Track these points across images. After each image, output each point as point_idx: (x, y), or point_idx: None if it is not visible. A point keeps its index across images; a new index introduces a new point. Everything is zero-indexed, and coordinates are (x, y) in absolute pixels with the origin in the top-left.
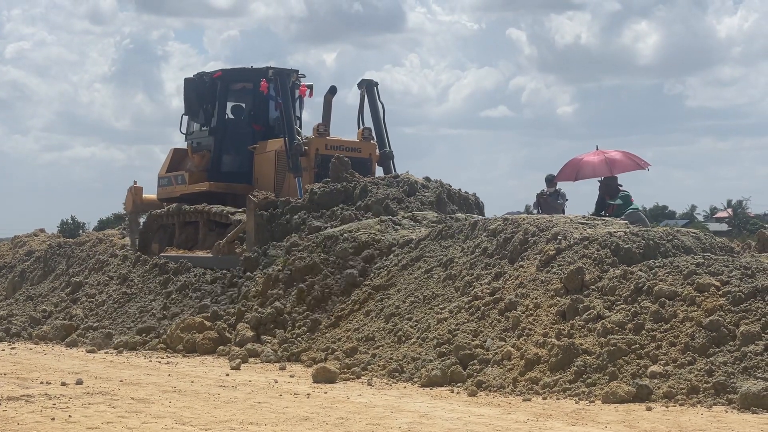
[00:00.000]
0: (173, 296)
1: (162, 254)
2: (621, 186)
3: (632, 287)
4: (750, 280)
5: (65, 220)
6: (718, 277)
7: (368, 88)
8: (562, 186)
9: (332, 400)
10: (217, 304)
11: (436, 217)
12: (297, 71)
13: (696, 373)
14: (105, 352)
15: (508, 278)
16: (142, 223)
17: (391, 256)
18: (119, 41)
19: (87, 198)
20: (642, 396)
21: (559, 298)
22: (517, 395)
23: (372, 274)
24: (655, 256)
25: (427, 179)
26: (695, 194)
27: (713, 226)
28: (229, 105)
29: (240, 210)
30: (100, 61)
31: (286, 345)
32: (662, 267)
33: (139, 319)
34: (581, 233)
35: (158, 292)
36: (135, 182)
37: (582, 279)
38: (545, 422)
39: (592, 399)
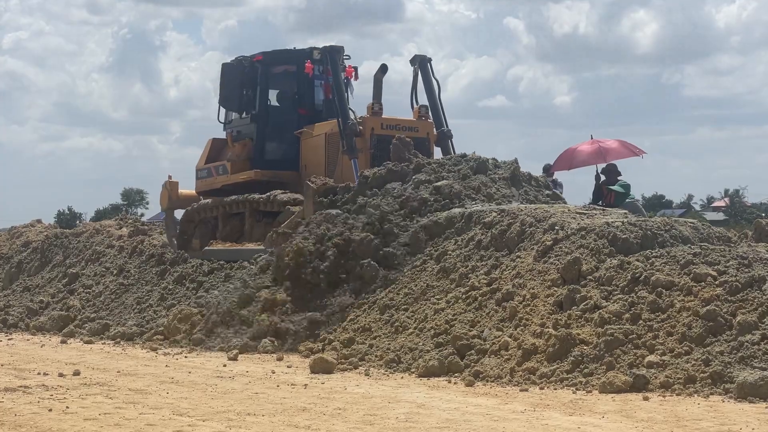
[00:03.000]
0: (170, 287)
1: (206, 248)
2: (620, 175)
3: (629, 277)
4: (747, 270)
5: (62, 211)
6: (715, 267)
7: (422, 64)
8: (558, 176)
9: (329, 391)
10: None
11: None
12: (343, 48)
13: (693, 362)
14: (102, 343)
15: (505, 269)
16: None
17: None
18: (117, 31)
19: (84, 188)
20: (639, 386)
21: (556, 289)
22: (514, 385)
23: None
24: (653, 246)
25: (495, 160)
26: (692, 183)
27: (710, 216)
28: (273, 92)
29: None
30: (98, 52)
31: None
32: (659, 257)
33: (136, 310)
34: (578, 223)
35: (155, 283)
36: (170, 177)
37: (579, 269)
38: (542, 412)
39: (589, 389)
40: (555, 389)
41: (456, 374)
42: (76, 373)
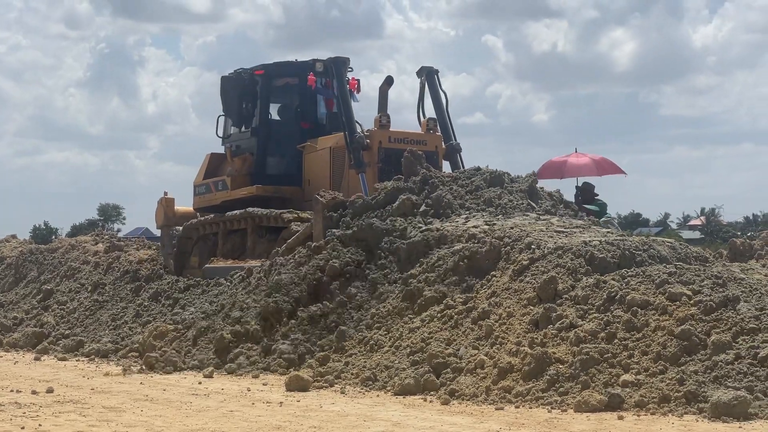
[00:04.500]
0: (146, 304)
1: (207, 266)
2: (597, 195)
3: (605, 296)
4: (721, 290)
5: (38, 226)
6: (690, 287)
7: (428, 76)
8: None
9: (305, 409)
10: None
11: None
12: (348, 59)
13: (667, 382)
14: (76, 360)
15: (480, 287)
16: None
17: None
18: (95, 46)
19: (60, 203)
20: (614, 405)
21: (532, 307)
22: (489, 404)
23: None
24: (630, 266)
25: (509, 174)
26: (669, 202)
27: (686, 234)
28: (274, 106)
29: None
30: (75, 66)
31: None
32: (635, 276)
33: (111, 327)
34: (555, 242)
35: (130, 300)
36: (166, 193)
37: (555, 288)
38: (518, 431)
39: (564, 408)
40: (530, 408)
41: (432, 392)
42: (50, 391)
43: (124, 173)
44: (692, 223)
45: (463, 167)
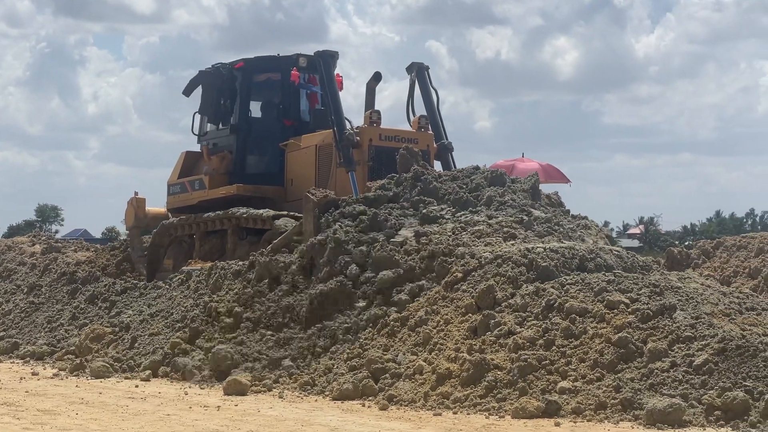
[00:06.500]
0: (82, 306)
1: (184, 268)
2: None
3: (544, 303)
4: (658, 298)
5: None
6: (628, 295)
7: (419, 72)
8: None
9: (243, 413)
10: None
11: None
12: (337, 53)
13: (604, 389)
14: (11, 362)
15: (413, 299)
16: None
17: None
18: (35, 45)
19: None
20: (551, 411)
21: (470, 315)
22: (428, 410)
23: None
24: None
25: (508, 175)
26: (608, 210)
27: (625, 243)
28: (257, 103)
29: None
30: (15, 65)
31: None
32: (574, 284)
33: (46, 329)
34: (493, 251)
35: (66, 302)
36: (136, 193)
37: (494, 297)
38: None
39: (502, 414)
40: (468, 414)
41: (370, 398)
42: None
43: (63, 174)
44: (631, 231)
45: (455, 167)
